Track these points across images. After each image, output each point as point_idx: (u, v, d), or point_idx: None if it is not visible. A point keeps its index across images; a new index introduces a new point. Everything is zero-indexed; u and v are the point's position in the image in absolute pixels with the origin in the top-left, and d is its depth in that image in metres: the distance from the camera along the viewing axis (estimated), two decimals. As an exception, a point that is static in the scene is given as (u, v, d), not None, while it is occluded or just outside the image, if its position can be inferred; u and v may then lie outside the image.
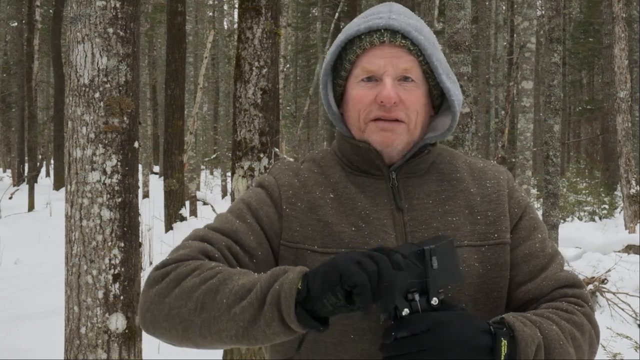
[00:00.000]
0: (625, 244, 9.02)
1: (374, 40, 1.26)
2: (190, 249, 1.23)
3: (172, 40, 12.10)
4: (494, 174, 1.37)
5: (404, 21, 1.27)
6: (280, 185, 1.32)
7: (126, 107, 2.89)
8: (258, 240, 1.27)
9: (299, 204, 1.30)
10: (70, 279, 2.87)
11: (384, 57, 1.26)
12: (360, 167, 1.32)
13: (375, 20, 1.27)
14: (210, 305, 1.12)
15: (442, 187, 1.32)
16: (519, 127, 9.40)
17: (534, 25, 9.87)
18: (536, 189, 16.80)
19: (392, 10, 1.30)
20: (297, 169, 1.37)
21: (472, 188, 1.34)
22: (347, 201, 1.30)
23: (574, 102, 31.26)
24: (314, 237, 1.27)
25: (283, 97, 16.41)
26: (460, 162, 1.38)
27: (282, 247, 1.28)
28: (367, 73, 1.27)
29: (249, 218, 1.29)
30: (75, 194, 2.86)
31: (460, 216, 1.30)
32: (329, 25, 22.25)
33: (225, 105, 30.08)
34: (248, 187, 3.85)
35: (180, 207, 11.95)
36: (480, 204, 1.32)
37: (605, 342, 5.06)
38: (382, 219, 1.28)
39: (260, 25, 3.85)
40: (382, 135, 1.28)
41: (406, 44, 1.26)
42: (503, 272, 1.29)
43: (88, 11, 2.84)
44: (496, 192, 1.34)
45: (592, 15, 27.45)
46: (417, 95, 1.28)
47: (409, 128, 1.28)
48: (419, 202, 1.30)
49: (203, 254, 1.22)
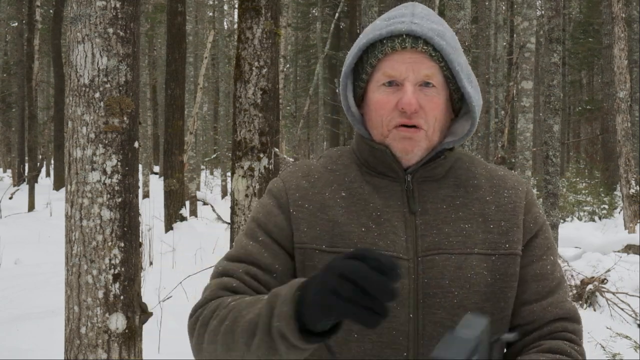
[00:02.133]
0: (625, 244, 9.03)
1: (395, 46, 1.25)
2: (211, 289, 1.29)
3: (172, 40, 12.10)
4: (513, 184, 1.36)
5: (427, 26, 1.26)
6: (287, 190, 1.33)
7: (126, 107, 2.90)
8: (273, 255, 1.29)
9: (306, 205, 1.31)
10: (70, 278, 2.87)
11: (406, 63, 1.25)
12: (377, 168, 1.33)
13: (397, 24, 1.26)
14: (232, 345, 1.18)
15: (458, 193, 1.32)
16: (518, 127, 9.40)
17: (534, 26, 9.87)
18: (536, 189, 16.80)
19: (414, 13, 1.29)
20: (307, 169, 1.37)
21: (488, 196, 1.33)
22: (360, 201, 1.30)
23: (574, 102, 31.26)
24: (323, 236, 1.28)
25: (283, 97, 16.41)
26: (480, 169, 1.38)
27: (295, 250, 1.30)
28: (389, 78, 1.27)
29: (260, 235, 1.31)
30: (75, 194, 2.86)
31: (473, 223, 1.29)
32: (329, 25, 22.25)
33: (225, 105, 30.08)
34: (248, 187, 3.85)
35: (180, 207, 11.95)
36: (494, 212, 1.31)
37: (604, 342, 5.06)
38: (393, 220, 1.28)
39: (260, 25, 3.85)
40: (403, 143, 1.28)
41: (428, 50, 1.25)
42: (512, 282, 1.29)
43: (88, 11, 2.84)
44: (512, 203, 1.33)
45: (591, 16, 27.45)
46: (437, 101, 1.27)
47: (427, 134, 1.28)
48: (432, 206, 1.30)
49: (223, 289, 1.27)
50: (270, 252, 1.30)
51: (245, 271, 1.28)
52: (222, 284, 1.28)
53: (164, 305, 5.83)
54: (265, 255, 1.29)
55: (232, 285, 1.27)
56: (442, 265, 1.25)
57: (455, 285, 1.24)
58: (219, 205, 16.94)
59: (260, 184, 3.87)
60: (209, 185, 27.61)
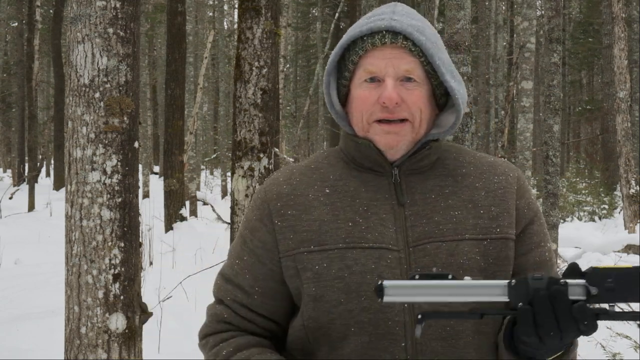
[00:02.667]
0: (625, 244, 9.03)
1: (375, 42, 1.27)
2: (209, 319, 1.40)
3: (172, 40, 12.10)
4: (504, 170, 1.37)
5: (406, 22, 1.28)
6: (269, 201, 1.35)
7: (126, 107, 2.90)
8: (254, 276, 1.35)
9: (289, 212, 1.32)
10: (70, 278, 2.87)
11: (386, 58, 1.27)
12: (364, 164, 1.34)
13: (377, 21, 1.28)
14: None
15: (446, 182, 1.33)
16: (518, 127, 9.40)
17: (534, 26, 9.87)
18: (536, 189, 16.80)
19: (395, 11, 1.31)
20: (289, 173, 1.39)
21: (477, 183, 1.34)
22: (345, 197, 1.31)
23: (574, 102, 31.26)
24: (310, 238, 1.29)
25: (283, 97, 16.41)
26: (468, 158, 1.39)
27: (282, 260, 1.31)
28: (370, 74, 1.28)
29: (245, 254, 1.37)
30: (75, 194, 2.86)
31: (463, 210, 1.31)
32: (329, 25, 22.24)
33: (225, 105, 30.08)
34: (248, 187, 3.85)
35: (180, 207, 11.95)
36: (484, 198, 1.32)
37: (604, 342, 5.07)
38: (381, 213, 1.29)
39: (260, 25, 3.85)
40: (386, 137, 1.29)
41: (407, 45, 1.27)
42: (505, 266, 1.30)
43: (88, 11, 2.84)
44: (502, 188, 1.34)
45: (591, 16, 27.45)
46: (419, 94, 1.28)
47: (413, 126, 1.29)
48: (421, 196, 1.31)
49: (217, 321, 1.38)
50: (251, 273, 1.35)
51: (233, 298, 1.36)
52: (216, 316, 1.38)
53: (164, 305, 5.84)
54: (247, 277, 1.35)
55: (224, 317, 1.37)
56: (434, 253, 1.26)
57: (449, 271, 1.24)
58: (219, 205, 16.94)
59: (260, 184, 3.87)
60: (209, 185, 27.61)
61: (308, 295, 1.27)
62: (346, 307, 1.24)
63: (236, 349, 1.32)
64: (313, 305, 1.27)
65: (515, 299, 1.06)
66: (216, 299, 1.41)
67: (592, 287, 1.04)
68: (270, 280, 1.33)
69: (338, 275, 1.25)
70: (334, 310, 1.25)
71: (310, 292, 1.27)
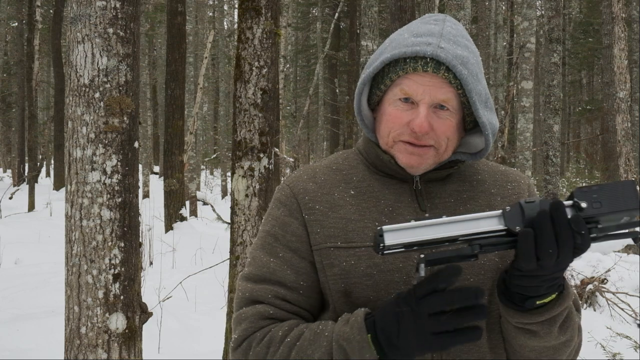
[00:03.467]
0: (625, 243, 9.02)
1: (417, 67, 1.27)
2: (250, 321, 1.30)
3: (172, 40, 12.11)
4: (515, 177, 1.44)
5: (452, 52, 1.26)
6: (296, 195, 1.36)
7: (126, 107, 2.90)
8: (295, 271, 1.32)
9: (317, 206, 1.34)
10: (71, 278, 2.87)
11: (424, 85, 1.27)
12: (384, 171, 1.37)
13: (423, 46, 1.26)
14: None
15: (464, 188, 1.38)
16: (518, 127, 9.40)
17: (534, 26, 9.87)
18: (536, 189, 16.80)
19: (442, 33, 1.29)
20: (313, 172, 1.40)
21: (492, 189, 1.40)
22: (370, 198, 1.34)
23: (574, 102, 31.26)
24: (337, 234, 1.30)
25: (283, 97, 16.41)
26: (482, 166, 1.44)
27: (313, 252, 1.32)
28: (405, 95, 1.29)
29: (280, 251, 1.33)
30: (75, 194, 2.86)
31: None
32: (329, 25, 22.24)
33: (225, 105, 30.08)
34: (248, 187, 3.85)
35: (180, 207, 11.96)
36: (500, 203, 1.37)
37: (604, 342, 5.07)
38: (405, 215, 1.32)
39: (260, 25, 3.85)
40: (409, 158, 1.31)
41: (448, 77, 1.27)
42: None
43: (88, 11, 2.84)
44: (516, 194, 1.40)
45: (591, 16, 27.46)
46: (450, 124, 1.30)
47: (438, 152, 1.31)
48: (441, 201, 1.35)
49: (263, 319, 1.30)
50: (292, 268, 1.32)
51: (274, 295, 1.31)
52: (259, 314, 1.30)
53: (164, 305, 5.84)
54: (288, 272, 1.32)
55: (269, 312, 1.30)
56: None
57: (471, 272, 1.29)
58: (219, 205, 16.96)
59: (260, 184, 3.87)
60: (209, 185, 27.63)
61: (337, 291, 1.29)
62: (375, 305, 1.26)
63: (292, 324, 1.29)
64: (344, 300, 1.29)
65: (512, 224, 1.12)
66: (250, 302, 1.33)
67: (582, 202, 1.13)
68: (313, 272, 1.33)
69: (367, 273, 1.28)
70: (363, 306, 1.26)
71: (339, 288, 1.29)
